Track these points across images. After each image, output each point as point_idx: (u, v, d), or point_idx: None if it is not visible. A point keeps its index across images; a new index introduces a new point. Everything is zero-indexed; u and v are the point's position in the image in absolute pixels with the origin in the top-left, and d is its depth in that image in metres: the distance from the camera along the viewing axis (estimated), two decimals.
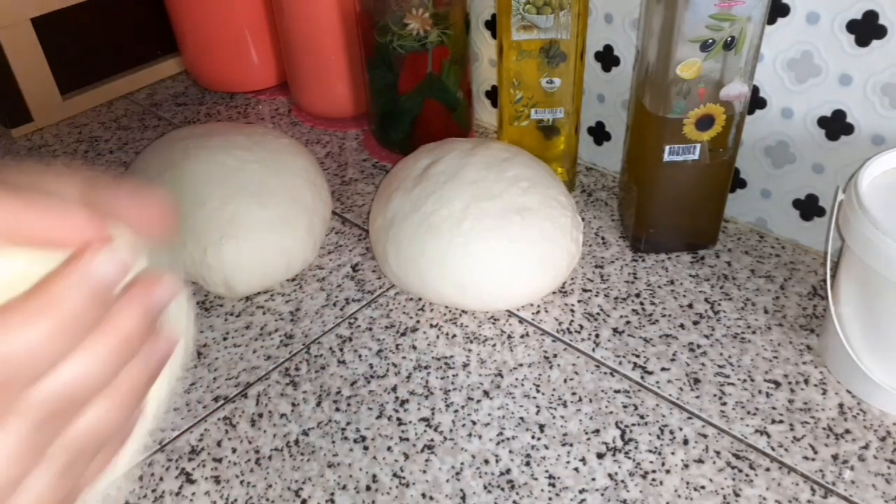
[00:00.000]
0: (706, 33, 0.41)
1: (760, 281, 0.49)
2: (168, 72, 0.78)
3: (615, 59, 0.55)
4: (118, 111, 0.73)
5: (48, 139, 0.69)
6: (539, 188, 0.47)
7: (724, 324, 0.46)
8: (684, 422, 0.40)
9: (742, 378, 0.42)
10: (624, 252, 0.52)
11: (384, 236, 0.48)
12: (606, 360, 0.44)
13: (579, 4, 0.49)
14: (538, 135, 0.55)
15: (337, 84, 0.66)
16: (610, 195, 0.57)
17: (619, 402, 0.41)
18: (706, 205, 0.49)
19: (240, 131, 0.53)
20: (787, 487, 0.36)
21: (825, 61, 0.45)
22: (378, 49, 0.57)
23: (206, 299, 0.50)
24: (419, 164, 0.49)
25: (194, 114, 0.72)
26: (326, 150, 0.65)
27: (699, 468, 0.38)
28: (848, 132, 0.46)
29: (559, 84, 0.52)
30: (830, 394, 0.41)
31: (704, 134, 0.45)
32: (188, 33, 0.72)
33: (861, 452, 0.38)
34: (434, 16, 0.55)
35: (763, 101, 0.49)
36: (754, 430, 0.39)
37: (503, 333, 0.46)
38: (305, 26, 0.63)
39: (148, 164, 0.51)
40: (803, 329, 0.45)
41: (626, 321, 0.46)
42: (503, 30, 0.51)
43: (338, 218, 0.57)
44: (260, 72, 0.73)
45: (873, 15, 0.42)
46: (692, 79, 0.43)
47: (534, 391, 0.42)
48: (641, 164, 0.48)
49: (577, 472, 0.38)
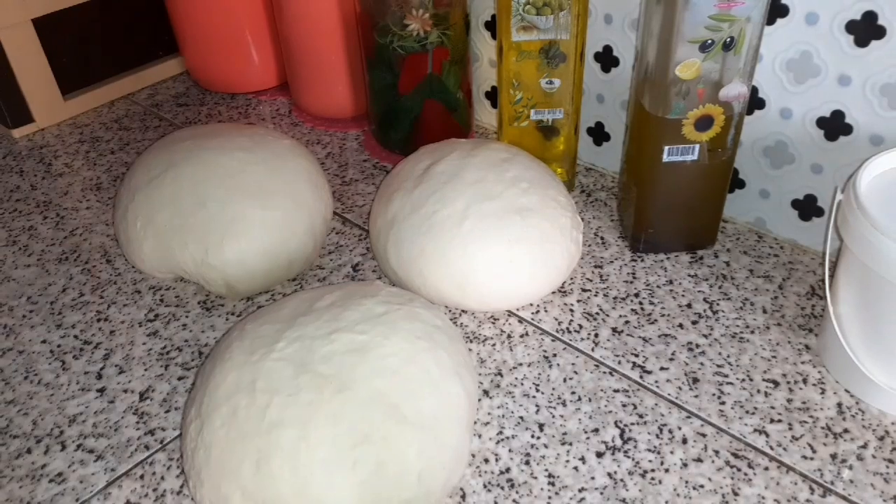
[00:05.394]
0: (705, 34, 0.41)
1: (759, 281, 0.49)
2: (169, 72, 0.78)
3: (614, 59, 0.55)
4: (119, 111, 0.73)
5: (49, 139, 0.69)
6: (539, 188, 0.47)
7: (723, 323, 0.46)
8: (683, 421, 0.40)
9: (741, 377, 0.42)
10: (623, 252, 0.52)
11: (385, 236, 0.48)
12: (606, 359, 0.44)
13: (579, 5, 0.49)
14: (538, 135, 0.55)
15: (337, 85, 0.66)
16: (609, 195, 0.58)
17: (618, 402, 0.41)
18: (705, 205, 0.49)
19: (241, 132, 0.53)
20: (785, 486, 0.37)
21: (824, 62, 0.45)
22: (378, 50, 0.57)
23: (208, 299, 0.50)
24: (420, 164, 0.49)
25: (195, 114, 0.72)
26: (327, 151, 0.65)
27: (698, 467, 0.38)
28: (847, 132, 0.46)
29: (559, 85, 0.52)
30: (829, 393, 0.41)
31: (703, 134, 0.45)
32: (189, 34, 0.72)
33: (860, 452, 0.38)
34: (434, 16, 0.55)
35: (762, 102, 0.49)
36: (753, 430, 0.39)
37: (503, 333, 0.46)
38: (306, 27, 0.63)
39: (149, 165, 0.51)
40: (802, 329, 0.45)
41: (626, 321, 0.46)
42: (503, 30, 0.51)
43: (338, 218, 0.57)
44: (260, 72, 0.73)
45: (872, 15, 0.42)
46: (691, 79, 0.43)
47: (533, 390, 0.42)
48: (641, 164, 0.48)
49: (577, 471, 0.38)
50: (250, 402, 0.34)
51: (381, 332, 0.36)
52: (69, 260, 0.54)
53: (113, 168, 0.65)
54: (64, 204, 0.61)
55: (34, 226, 0.58)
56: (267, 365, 0.35)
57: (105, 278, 0.52)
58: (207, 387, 0.36)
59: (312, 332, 0.36)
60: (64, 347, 0.47)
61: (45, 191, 0.62)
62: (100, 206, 0.60)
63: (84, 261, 0.54)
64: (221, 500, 0.33)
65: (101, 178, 0.64)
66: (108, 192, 0.62)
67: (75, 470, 0.39)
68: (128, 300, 0.50)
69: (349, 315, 0.37)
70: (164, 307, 0.50)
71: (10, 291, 0.52)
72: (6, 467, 0.40)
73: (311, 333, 0.36)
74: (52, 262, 0.54)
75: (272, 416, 0.33)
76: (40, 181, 0.64)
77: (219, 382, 0.35)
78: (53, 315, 0.50)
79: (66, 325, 0.49)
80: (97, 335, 0.48)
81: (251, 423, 0.33)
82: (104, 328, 0.48)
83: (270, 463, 0.33)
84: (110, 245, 0.56)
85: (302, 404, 0.33)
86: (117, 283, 0.52)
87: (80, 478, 0.39)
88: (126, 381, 0.44)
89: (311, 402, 0.33)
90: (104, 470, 0.39)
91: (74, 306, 0.50)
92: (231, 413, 0.34)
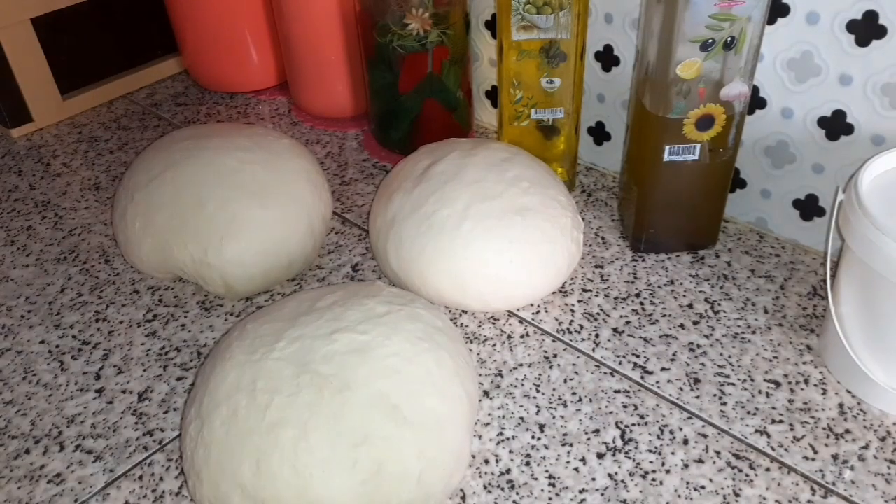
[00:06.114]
0: (706, 33, 0.41)
1: (760, 281, 0.49)
2: (168, 72, 0.78)
3: (615, 58, 0.55)
4: (118, 111, 0.73)
5: (48, 139, 0.69)
6: (539, 188, 0.47)
7: (724, 324, 0.46)
8: (684, 422, 0.40)
9: (742, 378, 0.42)
10: (624, 252, 0.52)
11: (384, 236, 0.48)
12: (606, 360, 0.44)
13: (579, 4, 0.49)
14: (538, 135, 0.55)
15: (337, 84, 0.66)
16: (610, 195, 0.57)
17: (619, 402, 0.41)
18: (706, 205, 0.49)
19: (240, 132, 0.53)
20: (787, 487, 0.37)
21: (825, 61, 0.45)
22: (378, 49, 0.57)
23: (207, 299, 0.50)
24: (419, 164, 0.49)
25: (194, 114, 0.72)
26: (326, 150, 0.65)
27: (699, 468, 0.38)
28: (848, 132, 0.46)
29: (559, 84, 0.52)
30: (830, 394, 0.41)
31: (704, 134, 0.45)
32: (188, 33, 0.72)
33: (861, 452, 0.38)
34: (434, 16, 0.55)
35: (763, 101, 0.49)
36: (754, 430, 0.39)
37: (503, 333, 0.46)
38: (305, 26, 0.63)
39: (148, 165, 0.51)
40: (803, 329, 0.45)
41: (626, 321, 0.46)
42: (503, 30, 0.51)
43: (338, 218, 0.57)
44: (260, 72, 0.73)
45: (873, 15, 0.42)
46: (692, 79, 0.43)
47: (534, 391, 0.42)
48: (641, 164, 0.48)
49: (577, 472, 0.38)
50: (250, 401, 0.34)
51: (383, 332, 0.36)
52: (67, 260, 0.54)
53: (112, 168, 0.65)
54: (62, 204, 0.60)
55: (33, 226, 0.58)
56: (267, 364, 0.35)
57: (103, 278, 0.52)
58: (208, 386, 0.36)
59: (313, 331, 0.36)
60: (62, 348, 0.47)
61: (44, 190, 0.62)
62: (98, 206, 0.60)
63: (82, 261, 0.54)
64: (221, 499, 0.33)
65: (100, 177, 0.63)
66: (106, 191, 0.61)
67: (74, 471, 0.39)
68: (126, 300, 0.50)
69: (350, 315, 0.37)
70: (163, 307, 0.49)
71: (8, 291, 0.52)
72: (4, 468, 0.39)
73: (311, 333, 0.36)
74: (50, 262, 0.54)
75: (272, 415, 0.33)
76: (39, 181, 0.63)
77: (219, 382, 0.35)
78: (52, 315, 0.49)
79: (64, 326, 0.48)
80: (95, 335, 0.47)
81: (251, 423, 0.33)
82: (103, 328, 0.48)
83: (270, 462, 0.32)
84: (109, 245, 0.55)
85: (302, 404, 0.33)
86: (116, 283, 0.52)
87: (78, 478, 0.39)
88: (125, 381, 0.44)
89: (312, 402, 0.33)
90: (103, 471, 0.39)
91: (73, 306, 0.50)
92: (231, 413, 0.34)
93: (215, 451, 0.34)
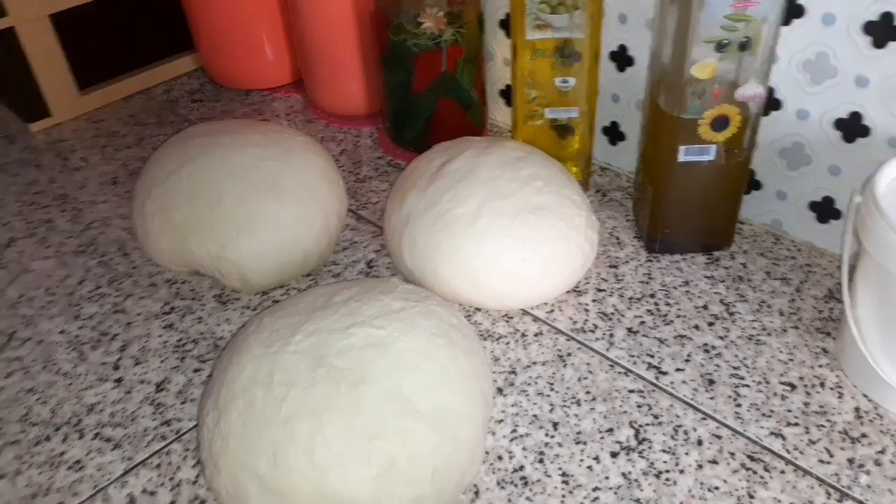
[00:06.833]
0: (721, 34, 0.41)
1: (776, 283, 0.48)
2: (184, 68, 0.79)
3: (629, 58, 0.55)
4: (135, 107, 0.74)
5: (66, 134, 0.70)
6: (553, 187, 0.47)
7: (740, 325, 0.45)
8: (698, 422, 0.40)
9: (757, 380, 0.42)
10: (638, 252, 0.52)
11: (399, 233, 0.48)
12: (621, 359, 0.44)
13: (594, 4, 0.49)
14: (552, 134, 0.55)
15: (351, 82, 0.66)
16: (624, 195, 0.57)
17: (633, 402, 0.41)
18: (721, 206, 0.49)
19: (255, 129, 0.54)
20: (801, 490, 0.36)
21: (841, 63, 0.44)
22: (392, 47, 0.57)
23: (223, 293, 0.50)
24: (434, 162, 0.50)
25: (210, 110, 0.72)
26: (341, 148, 0.65)
27: (713, 469, 0.38)
28: (864, 134, 0.46)
29: (573, 83, 0.52)
30: (846, 397, 0.41)
31: (719, 135, 0.45)
32: (204, 30, 0.73)
33: (877, 457, 0.38)
34: (448, 14, 0.55)
35: (778, 103, 0.48)
36: (769, 433, 0.39)
37: (517, 331, 0.46)
38: (320, 24, 0.63)
39: (165, 161, 0.51)
40: (819, 332, 0.45)
41: (641, 321, 0.46)
42: (517, 29, 0.51)
43: (352, 215, 0.57)
44: (275, 69, 0.74)
45: (889, 16, 0.42)
46: (707, 79, 0.43)
47: (547, 389, 0.42)
48: (656, 164, 0.48)
49: (591, 470, 0.38)
50: (267, 393, 0.34)
51: (399, 328, 0.36)
52: (86, 253, 0.55)
53: (129, 163, 0.65)
54: (81, 198, 0.61)
55: (52, 219, 0.59)
56: (284, 357, 0.35)
57: (122, 271, 0.53)
58: (225, 378, 0.36)
59: (330, 325, 0.36)
60: (81, 338, 0.47)
61: (63, 184, 0.63)
62: (116, 200, 0.60)
63: (101, 254, 0.55)
64: (238, 489, 0.34)
65: (118, 172, 0.64)
66: (124, 186, 0.62)
67: (93, 458, 0.40)
68: (144, 293, 0.51)
69: (367, 310, 0.37)
70: (180, 300, 0.50)
71: (28, 282, 0.52)
72: (26, 454, 0.40)
73: (328, 327, 0.36)
74: (69, 254, 0.55)
75: (289, 408, 0.33)
76: (58, 175, 0.64)
77: (236, 374, 0.35)
78: (71, 306, 0.50)
79: (83, 317, 0.49)
80: (114, 327, 0.48)
81: (268, 415, 0.33)
82: (121, 320, 0.49)
83: (287, 455, 0.33)
84: (126, 238, 0.56)
85: (318, 397, 0.33)
86: (134, 275, 0.52)
87: (97, 465, 0.39)
88: (142, 372, 0.45)
89: (328, 395, 0.33)
90: (121, 458, 0.39)
91: (92, 298, 0.51)
92: (248, 404, 0.34)
93: (233, 441, 0.34)
